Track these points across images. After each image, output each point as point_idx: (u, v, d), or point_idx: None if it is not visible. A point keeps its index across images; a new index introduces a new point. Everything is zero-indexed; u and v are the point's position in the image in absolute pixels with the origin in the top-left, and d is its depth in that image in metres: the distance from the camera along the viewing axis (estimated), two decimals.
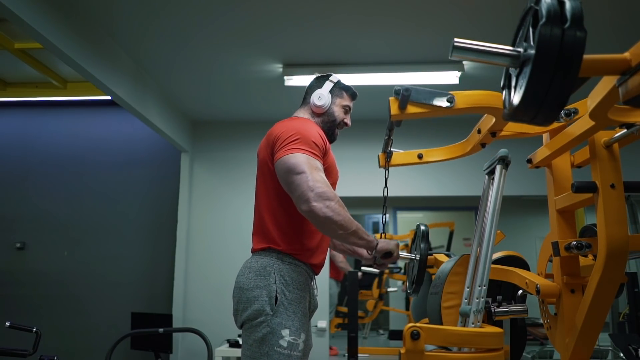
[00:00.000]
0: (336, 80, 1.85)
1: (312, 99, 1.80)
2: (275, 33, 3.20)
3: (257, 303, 1.54)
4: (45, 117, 5.04)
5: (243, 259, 1.73)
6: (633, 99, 0.84)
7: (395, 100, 1.45)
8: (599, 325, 1.30)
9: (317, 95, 1.80)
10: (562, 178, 1.56)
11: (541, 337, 4.93)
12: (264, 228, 1.65)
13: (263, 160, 1.69)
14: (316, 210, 1.46)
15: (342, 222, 1.50)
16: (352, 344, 3.42)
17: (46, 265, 4.76)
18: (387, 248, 1.67)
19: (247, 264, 1.64)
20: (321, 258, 1.72)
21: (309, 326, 1.67)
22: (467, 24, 3.08)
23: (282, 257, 1.60)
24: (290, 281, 1.58)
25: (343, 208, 1.51)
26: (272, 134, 1.65)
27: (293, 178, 1.50)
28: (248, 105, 4.51)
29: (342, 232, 1.52)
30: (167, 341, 3.46)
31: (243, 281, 1.60)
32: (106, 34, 3.21)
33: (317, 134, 1.64)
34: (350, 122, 1.87)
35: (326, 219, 1.47)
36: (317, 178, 1.49)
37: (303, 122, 1.68)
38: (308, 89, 1.87)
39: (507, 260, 1.88)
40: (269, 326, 1.51)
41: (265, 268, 1.58)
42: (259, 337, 1.52)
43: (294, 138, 1.56)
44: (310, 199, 1.46)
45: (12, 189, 4.93)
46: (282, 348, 1.50)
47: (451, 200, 5.43)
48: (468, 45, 0.92)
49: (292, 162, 1.52)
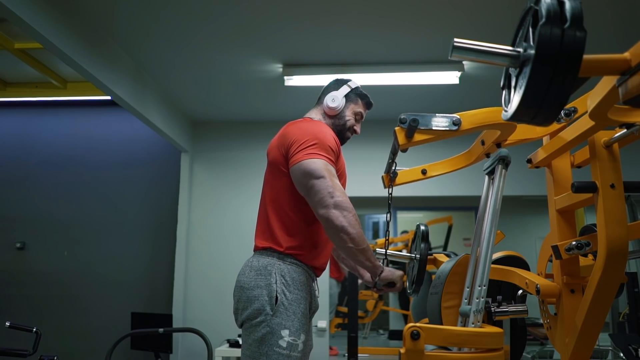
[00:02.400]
0: (354, 86, 1.85)
1: (326, 100, 1.80)
2: (275, 33, 3.20)
3: (257, 302, 1.54)
4: (45, 117, 5.04)
5: (243, 258, 1.73)
6: (633, 99, 0.84)
7: (402, 130, 1.45)
8: (599, 325, 1.30)
9: (332, 97, 1.79)
10: (562, 178, 1.56)
11: (541, 337, 4.93)
12: (268, 227, 1.65)
13: (274, 160, 1.68)
14: (333, 217, 1.46)
15: (354, 236, 1.50)
16: (352, 344, 3.42)
17: (46, 265, 4.76)
18: (391, 278, 1.68)
19: (248, 263, 1.64)
20: (323, 261, 1.72)
21: (309, 327, 1.66)
22: (466, 24, 3.08)
23: (283, 257, 1.60)
24: (291, 281, 1.57)
25: (358, 223, 1.52)
26: (287, 136, 1.64)
27: (313, 182, 1.50)
28: (248, 105, 4.51)
29: (352, 245, 1.51)
30: (167, 341, 3.46)
31: (244, 280, 1.60)
32: (106, 34, 3.21)
33: (332, 138, 1.64)
34: (359, 130, 1.87)
35: (341, 228, 1.48)
36: (337, 186, 1.51)
37: (318, 126, 1.67)
38: (325, 89, 1.87)
39: (507, 260, 1.87)
40: (268, 326, 1.51)
41: (266, 267, 1.58)
42: (258, 337, 1.52)
43: (312, 143, 1.56)
44: (329, 205, 1.46)
45: (12, 189, 4.93)
46: (282, 348, 1.50)
47: (451, 200, 5.43)
48: (468, 45, 0.92)
49: (312, 167, 1.52)
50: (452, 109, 2.02)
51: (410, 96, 4.15)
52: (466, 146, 1.88)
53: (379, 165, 2.10)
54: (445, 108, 2.01)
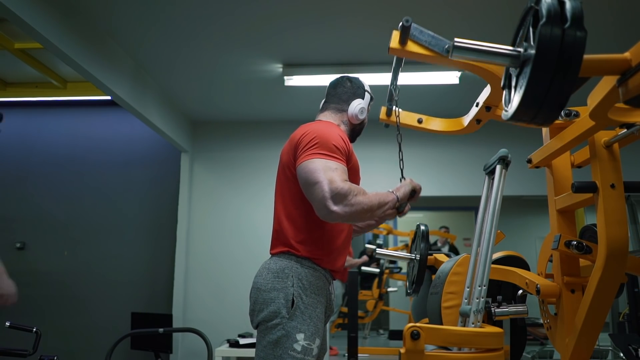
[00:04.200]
0: (370, 91, 1.85)
1: (354, 111, 1.77)
2: (275, 33, 3.20)
3: (273, 305, 1.53)
4: (45, 117, 5.05)
5: (243, 258, 1.73)
6: (633, 99, 0.84)
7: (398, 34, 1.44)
8: (599, 325, 1.30)
9: (360, 108, 1.77)
10: (562, 178, 1.56)
11: (541, 337, 4.93)
12: (282, 232, 1.64)
13: (285, 164, 1.67)
14: (337, 213, 1.45)
15: (363, 209, 1.49)
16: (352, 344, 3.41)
17: (46, 265, 4.76)
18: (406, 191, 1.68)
19: (265, 265, 1.63)
20: (340, 264, 1.70)
21: (324, 331, 1.65)
22: (466, 24, 3.08)
23: (301, 261, 1.59)
24: (308, 285, 1.56)
25: (359, 194, 1.49)
26: (295, 138, 1.63)
27: (309, 189, 1.49)
28: (248, 105, 4.51)
29: (369, 214, 1.53)
30: (167, 341, 3.46)
31: (260, 282, 1.59)
32: (106, 34, 3.21)
33: (338, 136, 1.60)
34: None
35: (350, 216, 1.47)
36: (331, 179, 1.46)
37: (324, 126, 1.65)
38: (338, 90, 1.82)
39: (507, 260, 1.88)
40: (284, 329, 1.50)
41: (284, 270, 1.57)
42: (273, 340, 1.51)
43: (313, 143, 1.55)
44: (328, 206, 1.44)
45: (12, 189, 4.93)
46: (296, 352, 1.49)
47: (451, 200, 5.43)
48: (468, 45, 0.92)
49: (309, 168, 1.50)
50: (452, 109, 2.02)
51: (410, 96, 4.15)
52: (464, 147, 1.89)
53: (379, 165, 2.10)
54: (445, 108, 2.01)
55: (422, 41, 1.41)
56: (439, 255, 2.22)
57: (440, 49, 1.39)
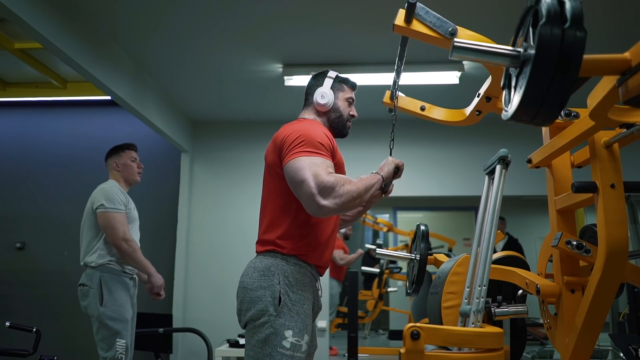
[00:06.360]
0: (334, 76, 1.85)
1: (315, 98, 1.78)
2: (275, 33, 3.20)
3: (260, 303, 1.53)
4: (45, 117, 5.04)
5: (243, 258, 1.73)
6: (633, 99, 0.84)
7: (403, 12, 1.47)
8: (599, 325, 1.30)
9: (320, 93, 1.78)
10: (562, 178, 1.55)
11: (541, 337, 4.93)
12: (269, 229, 1.65)
13: (270, 163, 1.68)
14: (327, 207, 1.45)
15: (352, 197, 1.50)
16: (352, 344, 3.42)
17: (46, 265, 4.76)
18: (390, 169, 1.71)
19: (251, 264, 1.64)
20: (326, 259, 1.71)
21: (313, 327, 1.66)
22: (466, 24, 3.08)
23: (286, 258, 1.60)
24: (294, 282, 1.57)
25: (346, 184, 1.49)
26: (279, 138, 1.64)
27: (297, 187, 1.50)
28: (248, 105, 4.51)
29: (358, 201, 1.54)
30: (167, 341, 3.46)
31: (247, 281, 1.60)
32: (107, 34, 3.21)
33: (322, 134, 1.62)
34: (356, 113, 1.86)
35: (340, 207, 1.48)
36: (316, 174, 1.46)
37: (308, 124, 1.67)
38: (307, 89, 1.85)
39: (507, 260, 1.88)
40: (272, 327, 1.51)
41: (270, 268, 1.58)
42: (262, 338, 1.51)
43: (299, 141, 1.56)
44: (318, 201, 1.44)
45: (12, 189, 4.93)
46: (285, 349, 1.49)
47: (451, 200, 5.44)
48: (468, 45, 0.92)
49: (295, 166, 1.51)
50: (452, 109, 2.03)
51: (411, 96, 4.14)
52: (464, 147, 1.89)
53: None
54: (445, 108, 2.02)
55: (427, 21, 1.45)
56: (439, 255, 2.22)
57: (444, 31, 1.43)
